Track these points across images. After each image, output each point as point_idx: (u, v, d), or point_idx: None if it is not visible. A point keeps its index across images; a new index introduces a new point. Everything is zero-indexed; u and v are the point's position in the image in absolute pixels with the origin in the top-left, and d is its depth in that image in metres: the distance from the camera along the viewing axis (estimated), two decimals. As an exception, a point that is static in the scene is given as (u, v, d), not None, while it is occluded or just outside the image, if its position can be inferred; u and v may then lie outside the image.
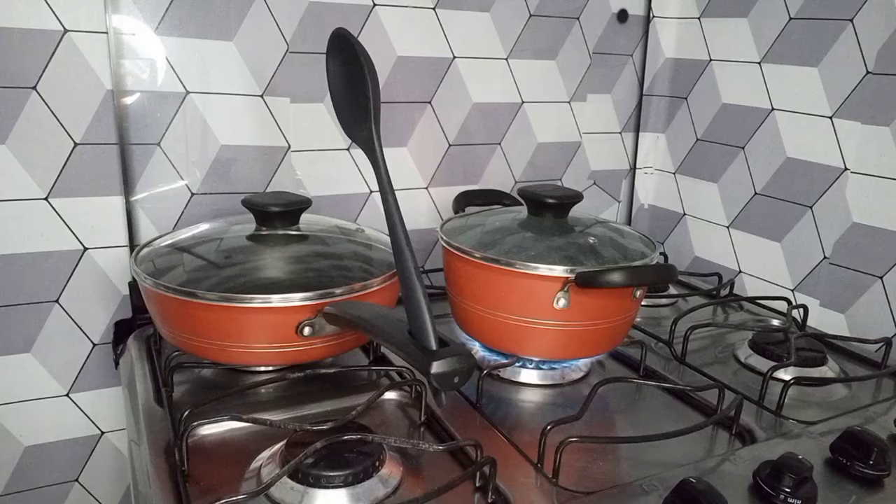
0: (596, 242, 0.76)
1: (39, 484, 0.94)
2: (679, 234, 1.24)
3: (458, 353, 0.42)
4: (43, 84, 0.81)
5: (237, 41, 0.89)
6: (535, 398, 0.77)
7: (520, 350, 0.77)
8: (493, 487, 0.58)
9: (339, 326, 0.66)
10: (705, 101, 1.15)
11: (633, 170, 1.27)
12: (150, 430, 0.65)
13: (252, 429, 0.66)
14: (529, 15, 1.08)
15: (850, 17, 0.92)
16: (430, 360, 0.41)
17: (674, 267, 0.76)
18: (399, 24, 0.98)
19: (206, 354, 0.71)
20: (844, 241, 0.96)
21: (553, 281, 0.71)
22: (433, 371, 0.41)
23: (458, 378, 0.42)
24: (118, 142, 0.86)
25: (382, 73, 0.99)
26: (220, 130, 0.92)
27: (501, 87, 1.09)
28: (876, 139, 0.91)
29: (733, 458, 0.63)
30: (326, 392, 0.73)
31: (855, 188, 0.94)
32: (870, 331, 0.92)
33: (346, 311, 0.54)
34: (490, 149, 1.12)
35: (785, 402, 0.74)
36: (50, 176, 0.84)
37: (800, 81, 0.99)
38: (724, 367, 0.85)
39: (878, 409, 0.75)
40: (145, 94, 0.86)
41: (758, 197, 1.08)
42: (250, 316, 0.67)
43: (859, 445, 0.61)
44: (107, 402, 0.95)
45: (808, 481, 0.56)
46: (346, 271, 0.75)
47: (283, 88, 0.94)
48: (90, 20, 0.81)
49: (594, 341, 0.77)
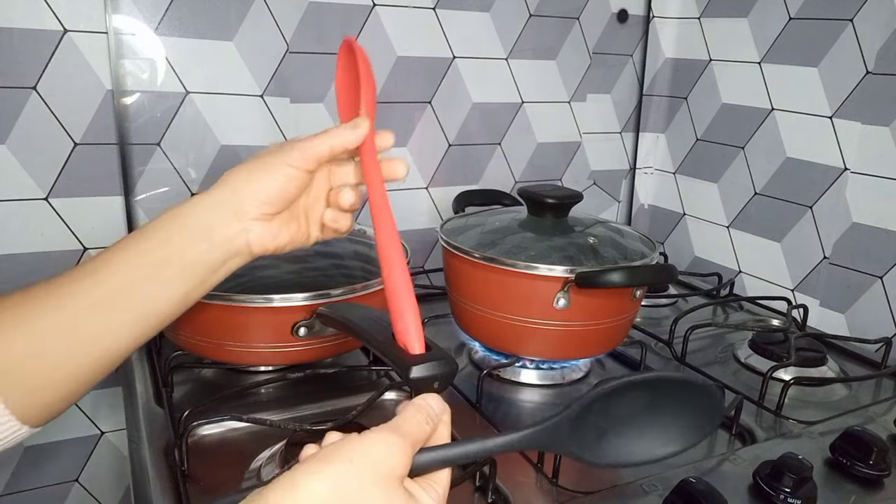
0: (596, 242, 0.76)
1: (39, 484, 0.94)
2: (679, 234, 1.24)
3: (438, 357, 0.42)
4: (43, 84, 0.81)
5: (237, 41, 0.89)
6: (535, 398, 0.77)
7: (520, 350, 0.77)
8: (493, 487, 0.58)
9: (333, 328, 0.66)
10: (705, 101, 1.15)
11: (632, 170, 1.27)
12: (150, 430, 0.65)
13: (252, 429, 0.66)
14: (529, 15, 1.08)
15: (850, 17, 0.92)
16: (410, 365, 0.42)
17: (674, 267, 0.76)
18: (399, 24, 0.98)
19: (205, 353, 0.71)
20: (844, 241, 0.96)
21: (553, 281, 0.71)
22: (412, 375, 0.42)
23: (437, 383, 0.42)
24: (118, 142, 0.86)
25: (382, 74, 0.99)
26: (220, 130, 0.92)
27: (501, 87, 1.09)
28: (876, 139, 0.91)
29: (733, 458, 0.63)
30: (326, 392, 0.73)
31: (855, 188, 0.94)
32: (870, 331, 0.92)
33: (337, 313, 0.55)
34: (490, 149, 1.12)
35: (785, 402, 0.74)
36: (50, 176, 0.84)
37: (800, 81, 0.99)
38: (724, 367, 0.85)
39: (878, 409, 0.75)
40: (145, 94, 0.86)
41: (758, 197, 1.08)
42: (248, 315, 0.67)
43: (859, 445, 0.61)
44: (107, 402, 0.95)
45: (808, 481, 0.56)
46: (347, 271, 0.75)
47: (283, 88, 0.94)
48: (90, 20, 0.81)
49: (594, 341, 0.77)
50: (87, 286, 0.46)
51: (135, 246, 0.48)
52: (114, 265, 0.47)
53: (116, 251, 0.47)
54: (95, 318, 0.46)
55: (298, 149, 0.50)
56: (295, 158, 0.50)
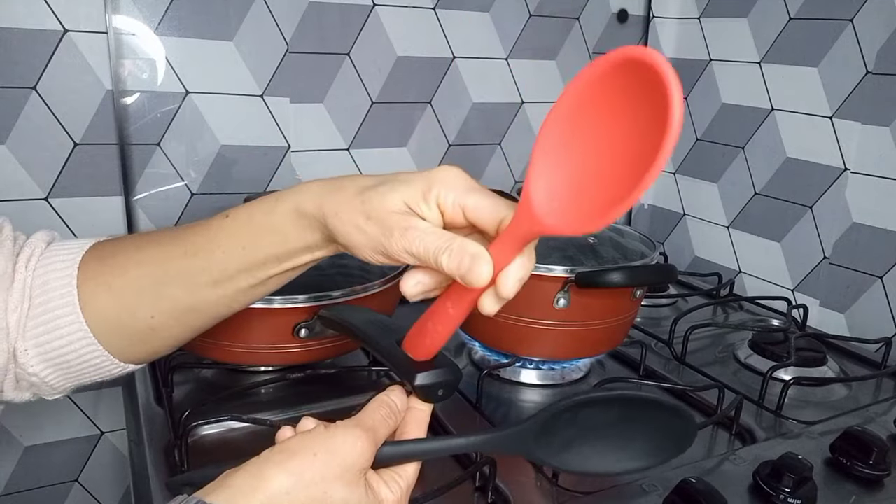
0: (596, 242, 0.76)
1: (39, 484, 0.94)
2: (679, 234, 1.24)
3: (443, 365, 0.42)
4: (43, 84, 0.81)
5: (237, 41, 0.89)
6: (535, 398, 0.77)
7: (520, 350, 0.77)
8: (493, 487, 0.58)
9: (334, 330, 0.66)
10: (705, 101, 1.15)
11: (633, 170, 1.27)
12: (150, 430, 0.65)
13: (252, 429, 0.66)
14: (529, 15, 1.08)
15: (850, 17, 0.92)
16: (414, 373, 0.42)
17: (674, 267, 0.76)
18: (399, 24, 0.98)
19: (205, 353, 0.71)
20: (844, 241, 0.96)
21: (553, 281, 0.71)
22: (417, 383, 0.42)
23: (442, 391, 0.42)
24: (118, 142, 0.86)
25: (382, 73, 0.99)
26: (220, 130, 0.92)
27: (501, 87, 1.09)
28: (876, 139, 0.91)
29: (733, 458, 0.63)
30: (326, 392, 0.73)
31: (855, 188, 0.94)
32: (870, 331, 0.92)
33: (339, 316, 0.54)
34: (490, 149, 1.12)
35: (785, 402, 0.74)
36: (50, 176, 0.84)
37: (800, 81, 0.99)
38: (724, 367, 0.85)
39: (878, 409, 0.75)
40: (145, 94, 0.86)
41: (758, 197, 1.08)
42: (249, 316, 0.67)
43: (859, 445, 0.61)
44: (107, 402, 0.95)
45: (808, 481, 0.56)
46: (347, 273, 0.75)
47: (283, 88, 0.94)
48: (90, 20, 0.81)
49: (594, 341, 0.77)
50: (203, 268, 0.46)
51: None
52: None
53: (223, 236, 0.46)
54: (212, 294, 0.47)
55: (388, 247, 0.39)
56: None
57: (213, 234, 0.46)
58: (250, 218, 0.45)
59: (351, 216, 0.40)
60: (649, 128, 0.29)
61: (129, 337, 0.48)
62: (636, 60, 0.29)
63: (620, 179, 0.30)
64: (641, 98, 0.29)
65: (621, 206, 0.30)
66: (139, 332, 0.47)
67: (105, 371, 0.49)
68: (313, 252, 0.45)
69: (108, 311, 0.46)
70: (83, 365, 0.47)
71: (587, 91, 0.32)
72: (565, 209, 0.33)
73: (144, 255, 0.47)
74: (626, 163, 0.30)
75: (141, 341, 0.48)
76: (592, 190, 0.32)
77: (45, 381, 0.47)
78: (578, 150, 0.33)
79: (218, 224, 0.46)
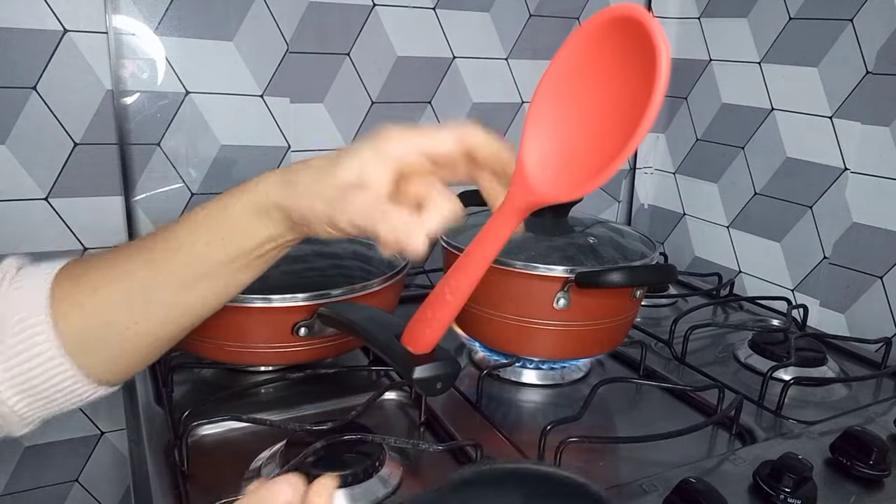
0: (596, 242, 0.76)
1: (39, 484, 0.94)
2: (679, 234, 1.24)
3: (441, 358, 0.42)
4: (43, 84, 0.81)
5: (237, 41, 0.89)
6: (535, 398, 0.77)
7: (520, 350, 0.77)
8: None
9: (334, 328, 0.66)
10: (705, 101, 1.15)
11: (632, 170, 1.27)
12: (150, 430, 0.65)
13: (252, 429, 0.66)
14: (529, 15, 1.08)
15: (850, 17, 0.92)
16: (413, 366, 0.42)
17: (674, 267, 0.76)
18: (399, 24, 0.98)
19: (205, 353, 0.71)
20: (844, 241, 0.96)
21: (553, 281, 0.71)
22: (415, 376, 0.42)
23: (440, 384, 0.42)
24: (118, 142, 0.86)
25: (382, 73, 0.99)
26: (220, 130, 0.92)
27: (501, 87, 1.09)
28: (876, 139, 0.91)
29: (733, 458, 0.63)
30: (326, 392, 0.73)
31: (855, 188, 0.94)
32: (870, 331, 0.92)
33: (338, 313, 0.54)
34: (490, 149, 1.11)
35: (785, 402, 0.74)
36: (50, 176, 0.84)
37: (800, 81, 0.99)
38: (724, 367, 0.85)
39: (878, 409, 0.74)
40: (145, 94, 0.86)
41: (758, 197, 1.08)
42: (248, 315, 0.67)
43: (859, 445, 0.61)
44: (107, 402, 0.94)
45: (808, 481, 0.56)
46: (346, 271, 0.75)
47: (283, 88, 0.94)
48: (90, 20, 0.81)
49: (594, 341, 0.77)
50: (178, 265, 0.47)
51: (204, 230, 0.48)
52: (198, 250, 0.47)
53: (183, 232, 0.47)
54: (185, 295, 0.47)
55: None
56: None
57: (175, 235, 0.47)
58: (207, 217, 0.46)
59: (310, 202, 0.43)
60: (639, 87, 0.29)
61: (107, 350, 0.48)
62: (622, 18, 0.29)
63: (611, 142, 0.30)
64: (630, 58, 0.29)
65: (615, 163, 0.30)
66: (118, 343, 0.48)
67: (75, 395, 0.49)
68: (276, 240, 0.47)
69: (82, 327, 0.46)
70: (51, 389, 0.47)
71: (575, 56, 0.32)
72: (558, 176, 0.33)
73: (115, 270, 0.47)
74: (616, 126, 0.30)
75: (121, 354, 0.49)
76: (583, 155, 0.32)
77: (14, 410, 0.47)
78: (569, 118, 0.33)
79: (179, 227, 0.47)
